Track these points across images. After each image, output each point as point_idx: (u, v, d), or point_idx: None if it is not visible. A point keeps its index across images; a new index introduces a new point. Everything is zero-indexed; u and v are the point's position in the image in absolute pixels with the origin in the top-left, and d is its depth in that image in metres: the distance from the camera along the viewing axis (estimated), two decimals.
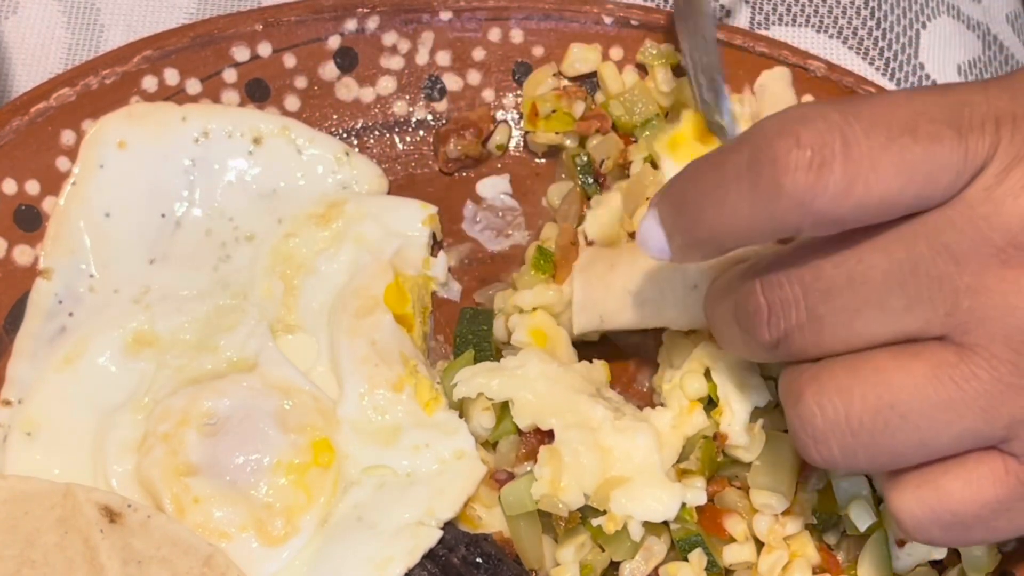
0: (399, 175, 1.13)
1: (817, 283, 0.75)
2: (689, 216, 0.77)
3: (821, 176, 0.71)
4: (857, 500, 0.96)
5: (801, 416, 0.76)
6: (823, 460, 0.77)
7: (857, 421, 0.74)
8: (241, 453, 0.98)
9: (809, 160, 0.71)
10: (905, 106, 0.72)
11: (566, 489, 0.94)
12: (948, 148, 0.71)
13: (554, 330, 1.04)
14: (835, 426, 0.75)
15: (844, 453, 0.76)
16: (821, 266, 0.75)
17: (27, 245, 1.07)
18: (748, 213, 0.73)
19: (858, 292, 0.74)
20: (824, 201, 0.71)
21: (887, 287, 0.73)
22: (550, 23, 1.13)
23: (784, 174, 0.71)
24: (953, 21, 1.22)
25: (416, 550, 0.96)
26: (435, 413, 1.02)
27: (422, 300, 1.08)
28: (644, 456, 0.95)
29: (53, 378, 1.02)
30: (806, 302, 0.75)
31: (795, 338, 0.77)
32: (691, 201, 0.77)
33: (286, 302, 1.06)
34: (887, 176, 0.71)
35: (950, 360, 0.73)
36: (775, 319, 0.77)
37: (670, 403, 0.99)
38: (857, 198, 0.71)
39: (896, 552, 0.96)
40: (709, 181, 0.76)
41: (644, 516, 0.94)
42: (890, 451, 0.75)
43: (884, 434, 0.74)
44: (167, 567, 0.93)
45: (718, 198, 0.75)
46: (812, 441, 0.76)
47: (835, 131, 0.71)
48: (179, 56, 1.10)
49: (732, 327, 0.81)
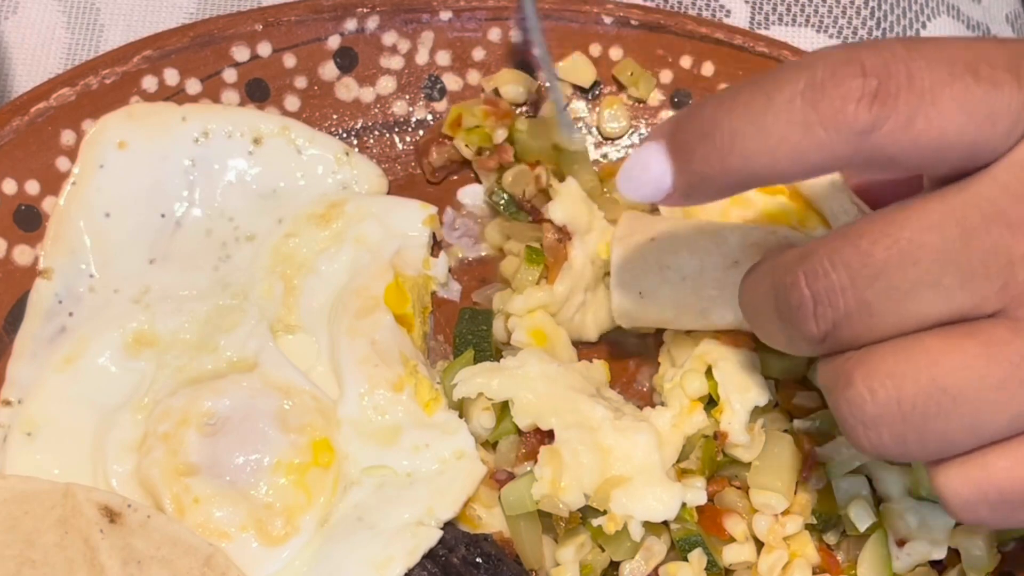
0: (399, 175, 1.13)
1: (865, 268, 0.71)
2: (720, 141, 0.72)
3: (885, 107, 0.68)
4: (857, 500, 0.96)
5: (851, 401, 0.73)
6: (872, 447, 0.74)
7: (909, 405, 0.71)
8: (241, 453, 0.98)
9: (875, 89, 0.68)
10: (967, 48, 0.70)
11: (566, 489, 0.94)
12: (1008, 93, 0.69)
13: (553, 330, 1.04)
14: (886, 411, 0.72)
15: (895, 439, 0.72)
16: (869, 249, 0.71)
17: (27, 245, 1.07)
18: (798, 141, 0.70)
19: (909, 273, 0.70)
20: (884, 134, 0.69)
21: (940, 265, 0.70)
22: (550, 23, 1.13)
23: (848, 101, 0.68)
24: (953, 21, 1.22)
25: (416, 550, 0.96)
26: (435, 413, 1.02)
27: (422, 300, 1.08)
28: (644, 456, 0.95)
29: (53, 378, 1.02)
30: (853, 288, 0.72)
31: (844, 328, 0.73)
32: (726, 125, 0.72)
33: (286, 302, 1.06)
34: (947, 112, 0.69)
35: (1004, 338, 0.70)
36: (822, 310, 0.73)
37: (671, 402, 0.99)
38: (916, 133, 0.69)
39: (896, 552, 0.96)
40: (753, 104, 0.71)
41: (644, 516, 0.94)
42: (942, 436, 0.72)
43: (937, 418, 0.71)
44: (167, 567, 0.93)
45: (764, 122, 0.71)
46: (862, 427, 0.73)
47: (901, 62, 0.69)
48: (179, 56, 1.10)
49: (773, 322, 0.77)
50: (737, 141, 0.72)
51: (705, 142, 0.73)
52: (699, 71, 1.13)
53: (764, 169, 0.72)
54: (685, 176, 0.74)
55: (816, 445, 0.98)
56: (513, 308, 1.04)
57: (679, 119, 0.75)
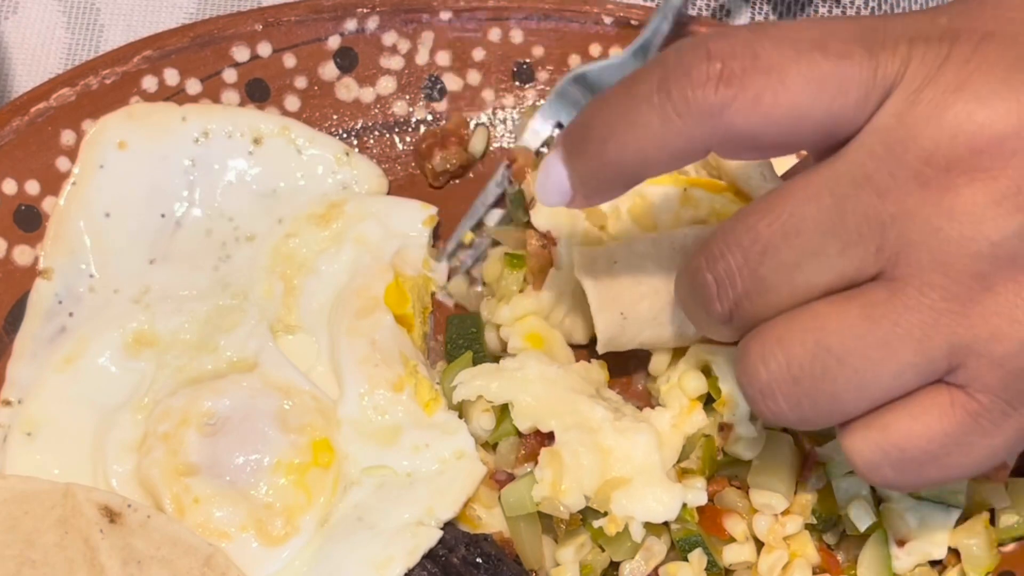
0: (399, 175, 1.13)
1: (754, 245, 0.74)
2: (596, 142, 0.77)
3: (731, 86, 0.71)
4: (857, 500, 0.96)
5: (747, 372, 0.76)
6: (772, 414, 0.76)
7: (797, 368, 0.74)
8: (241, 453, 0.98)
9: (719, 71, 0.71)
10: (815, 26, 0.73)
11: (567, 492, 0.94)
12: (857, 64, 0.71)
13: (548, 332, 1.04)
14: (777, 376, 0.74)
15: (790, 404, 0.75)
16: (755, 227, 0.74)
17: (27, 245, 1.07)
18: (659, 131, 0.73)
19: (793, 245, 0.73)
20: (733, 112, 0.71)
21: (819, 234, 0.73)
22: (550, 23, 1.13)
23: (695, 86, 0.72)
24: None
25: (416, 550, 0.96)
26: (435, 413, 1.02)
27: (422, 300, 1.08)
28: (644, 456, 0.95)
29: (53, 378, 1.02)
30: (748, 267, 0.75)
31: (744, 305, 0.76)
32: (598, 126, 0.77)
33: (286, 302, 1.06)
34: (795, 87, 0.71)
35: (882, 297, 0.72)
36: (723, 290, 0.76)
37: (669, 402, 0.99)
38: (766, 109, 0.71)
39: (896, 552, 0.96)
40: (618, 104, 0.76)
41: (645, 517, 0.94)
42: (832, 396, 0.74)
43: (824, 379, 0.73)
44: (167, 567, 0.93)
45: (629, 119, 0.75)
46: (760, 396, 0.76)
47: (745, 45, 0.72)
48: (179, 56, 1.10)
49: (691, 308, 0.81)
50: (609, 137, 0.76)
51: (586, 143, 0.77)
52: None
53: (638, 161, 0.76)
54: (577, 176, 0.79)
55: (816, 445, 0.98)
56: (501, 318, 1.04)
57: (570, 125, 0.80)
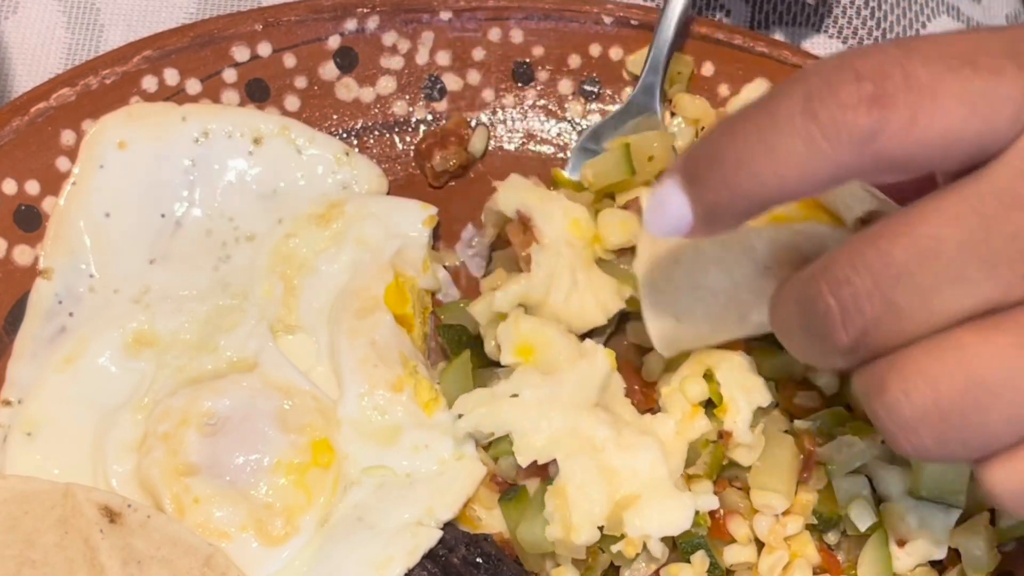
0: (399, 175, 1.13)
1: (887, 269, 0.69)
2: (728, 168, 0.71)
3: (884, 109, 0.67)
4: (857, 500, 0.96)
5: (888, 406, 0.71)
6: (915, 450, 0.72)
7: (947, 404, 0.69)
8: (241, 453, 0.98)
9: (871, 93, 0.67)
10: (963, 41, 0.69)
11: (579, 528, 0.93)
12: (1009, 79, 0.68)
13: (542, 336, 1.01)
14: (924, 412, 0.70)
15: (936, 440, 0.71)
16: (888, 250, 0.70)
17: (27, 245, 1.07)
18: (803, 157, 0.69)
19: (932, 269, 0.69)
20: (887, 137, 0.67)
21: (962, 257, 0.69)
22: (550, 23, 1.13)
23: (846, 109, 0.67)
24: (953, 21, 1.22)
25: (416, 550, 0.96)
26: (435, 414, 1.02)
27: (422, 301, 1.08)
28: (651, 470, 0.94)
29: (53, 378, 1.02)
30: (879, 291, 0.70)
31: (873, 333, 0.71)
32: (732, 152, 0.71)
33: (286, 302, 1.06)
34: (949, 107, 0.67)
35: None
36: (849, 317, 0.71)
37: (670, 408, 0.98)
38: (920, 132, 0.67)
39: (896, 552, 0.95)
40: (754, 127, 0.71)
41: (661, 532, 0.93)
42: (983, 432, 0.70)
43: (976, 413, 0.69)
44: (167, 567, 0.93)
45: (767, 144, 0.70)
46: (902, 431, 0.71)
47: (895, 63, 0.68)
48: (179, 56, 1.10)
49: (803, 338, 0.76)
50: (744, 164, 0.71)
51: (714, 169, 0.72)
52: (699, 71, 1.13)
53: (775, 189, 0.71)
54: (702, 206, 0.74)
55: (816, 445, 0.98)
56: (500, 306, 1.01)
57: (690, 151, 0.75)
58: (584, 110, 1.14)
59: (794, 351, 0.78)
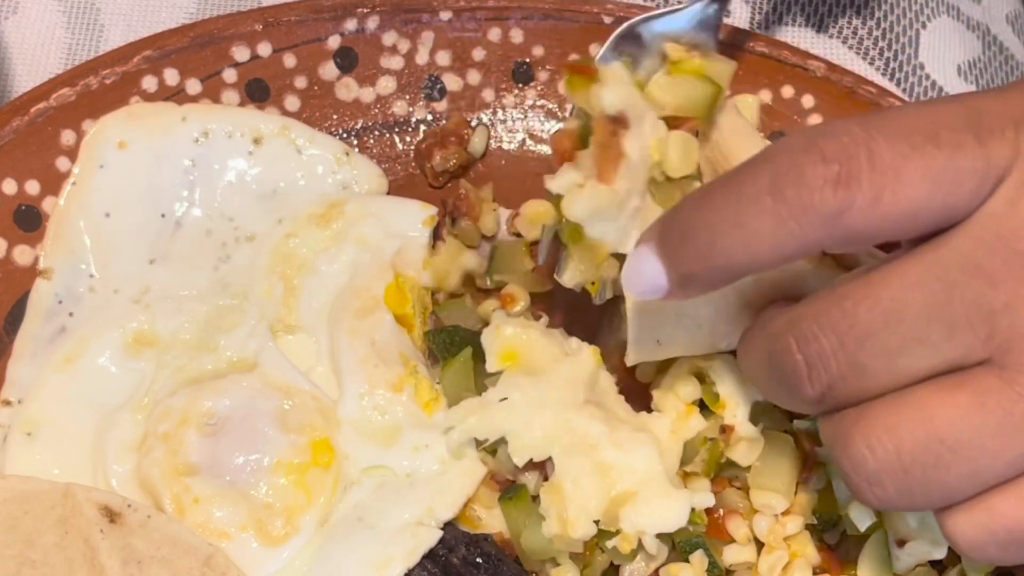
0: (399, 175, 1.13)
1: (853, 330, 0.73)
2: (701, 242, 0.75)
3: (849, 190, 0.70)
4: (857, 500, 0.96)
5: (852, 459, 0.75)
6: (879, 501, 0.76)
7: (909, 458, 0.73)
8: (241, 453, 0.98)
9: (837, 174, 0.70)
10: (924, 116, 0.72)
11: (575, 522, 0.93)
12: (970, 154, 0.70)
13: (526, 339, 1.01)
14: (887, 466, 0.74)
15: (899, 492, 0.75)
16: (854, 311, 0.73)
17: (27, 245, 1.07)
18: (771, 234, 0.72)
19: (896, 331, 0.73)
20: (853, 215, 0.70)
21: (925, 321, 0.72)
22: (550, 23, 1.13)
23: (812, 190, 0.70)
24: (953, 21, 1.22)
25: (416, 550, 0.96)
26: (435, 413, 1.02)
27: (422, 300, 1.08)
28: (647, 467, 0.94)
29: (53, 378, 1.02)
30: (844, 351, 0.74)
31: (839, 388, 0.75)
32: (702, 227, 0.75)
33: (286, 302, 1.06)
34: (913, 185, 0.70)
35: (994, 386, 0.72)
36: (816, 373, 0.75)
37: (664, 407, 0.98)
38: (885, 209, 0.70)
39: (896, 552, 0.95)
40: (724, 204, 0.74)
41: (657, 528, 0.93)
42: (944, 485, 0.74)
43: (937, 469, 0.73)
44: (167, 567, 0.93)
45: (737, 221, 0.73)
46: (867, 484, 0.75)
47: (860, 144, 0.70)
48: (179, 56, 1.10)
49: (770, 384, 0.80)
50: (715, 241, 0.74)
51: (687, 244, 0.76)
52: None
53: (746, 262, 0.74)
54: (676, 276, 0.77)
55: (816, 445, 0.98)
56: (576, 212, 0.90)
57: (663, 222, 0.79)
58: None
59: (763, 393, 0.83)
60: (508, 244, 1.10)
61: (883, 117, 0.73)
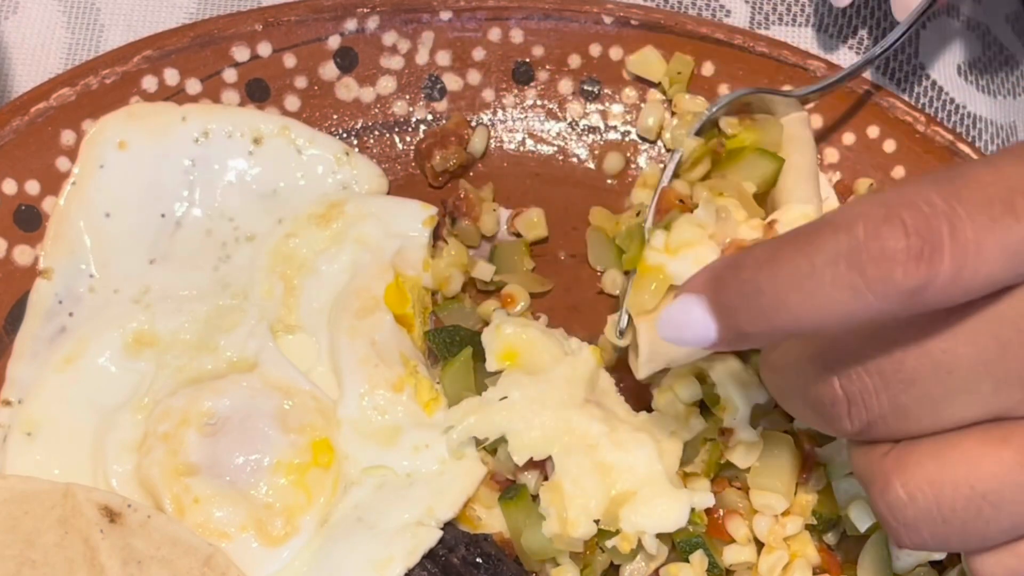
0: (399, 175, 1.13)
1: (898, 374, 0.73)
2: (765, 304, 0.72)
3: (932, 265, 0.68)
4: (857, 500, 0.96)
5: (890, 504, 0.75)
6: (913, 545, 0.76)
7: (949, 510, 0.73)
8: (241, 453, 0.98)
9: (920, 250, 0.68)
10: (1001, 182, 0.70)
11: (575, 522, 0.93)
12: None
13: (524, 338, 1.01)
14: (927, 515, 0.74)
15: (935, 538, 0.75)
16: (902, 357, 0.73)
17: (27, 245, 1.07)
18: (845, 304, 0.70)
19: (943, 381, 0.72)
20: (934, 290, 0.69)
21: (975, 375, 0.72)
22: (550, 23, 1.13)
23: (896, 265, 0.69)
24: (953, 21, 1.22)
25: (416, 550, 0.96)
26: (435, 413, 1.02)
27: (422, 300, 1.08)
28: (646, 467, 0.95)
29: (53, 378, 1.02)
30: (887, 393, 0.73)
31: (878, 427, 0.75)
32: (769, 289, 0.72)
33: (286, 302, 1.06)
34: (992, 258, 0.69)
35: None
36: (856, 410, 0.75)
37: (664, 408, 0.98)
38: (965, 284, 0.69)
39: (896, 552, 0.95)
40: (795, 268, 0.71)
41: (657, 528, 0.93)
42: (982, 537, 0.74)
43: (977, 521, 0.73)
44: (167, 567, 0.93)
45: (809, 288, 0.71)
46: (903, 528, 0.75)
47: (941, 217, 0.69)
48: (179, 56, 1.10)
49: (805, 409, 0.79)
50: (781, 305, 0.72)
51: (750, 304, 0.73)
52: (699, 71, 1.13)
53: (809, 328, 0.72)
54: (732, 332, 0.75)
55: (816, 445, 0.98)
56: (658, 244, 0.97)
57: (720, 277, 0.75)
58: (584, 110, 1.14)
59: (792, 413, 0.82)
60: (508, 244, 1.10)
61: (961, 183, 0.71)
